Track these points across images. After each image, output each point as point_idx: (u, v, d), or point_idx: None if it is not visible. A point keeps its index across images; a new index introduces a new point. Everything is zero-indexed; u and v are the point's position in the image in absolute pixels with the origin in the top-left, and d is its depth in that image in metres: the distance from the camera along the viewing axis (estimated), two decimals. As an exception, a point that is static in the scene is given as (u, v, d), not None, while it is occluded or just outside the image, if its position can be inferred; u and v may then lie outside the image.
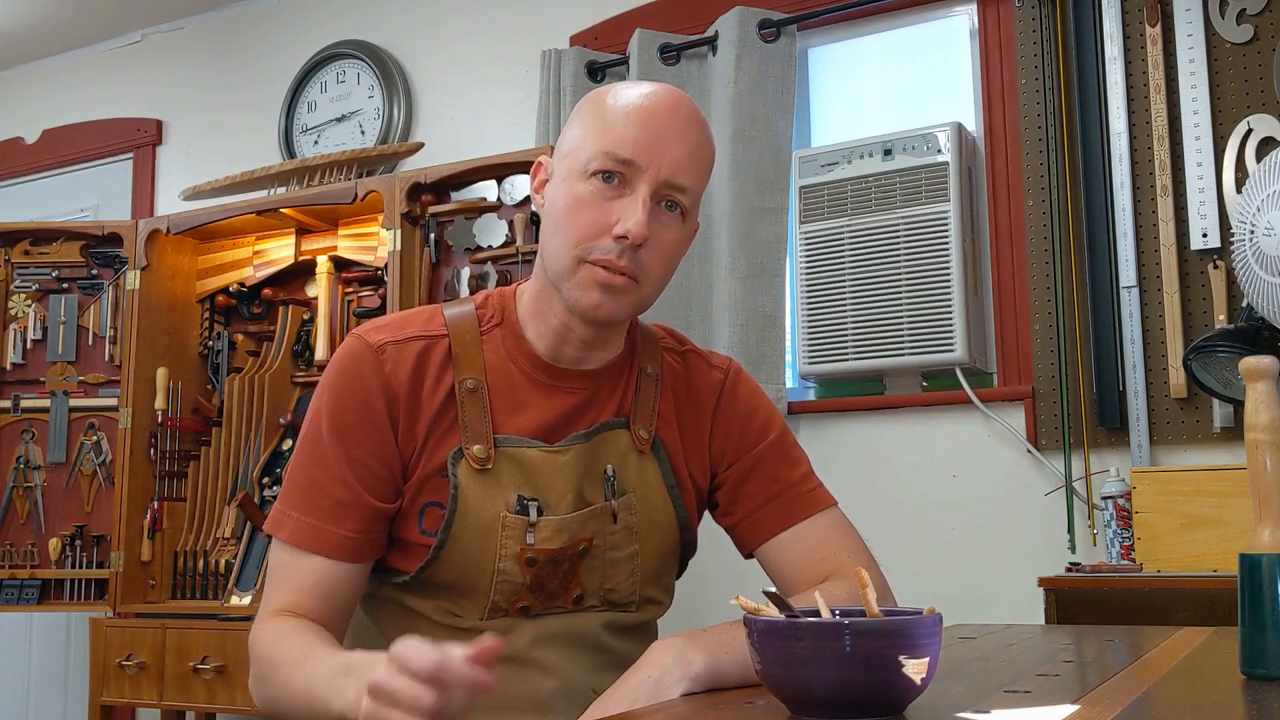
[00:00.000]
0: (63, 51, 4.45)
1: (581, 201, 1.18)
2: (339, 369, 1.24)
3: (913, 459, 2.84)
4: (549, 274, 1.23)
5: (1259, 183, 2.21)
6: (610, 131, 1.18)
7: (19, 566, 3.46)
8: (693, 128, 1.22)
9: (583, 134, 1.21)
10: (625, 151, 1.17)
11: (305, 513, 1.19)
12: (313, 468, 1.21)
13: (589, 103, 1.24)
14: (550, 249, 1.22)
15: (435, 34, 3.71)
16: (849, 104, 3.20)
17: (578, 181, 1.19)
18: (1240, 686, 0.91)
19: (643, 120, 1.19)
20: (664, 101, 1.21)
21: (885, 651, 0.79)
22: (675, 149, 1.19)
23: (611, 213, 1.17)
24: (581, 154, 1.20)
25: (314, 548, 1.19)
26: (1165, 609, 2.13)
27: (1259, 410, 0.94)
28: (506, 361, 1.27)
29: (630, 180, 1.18)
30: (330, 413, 1.22)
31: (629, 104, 1.20)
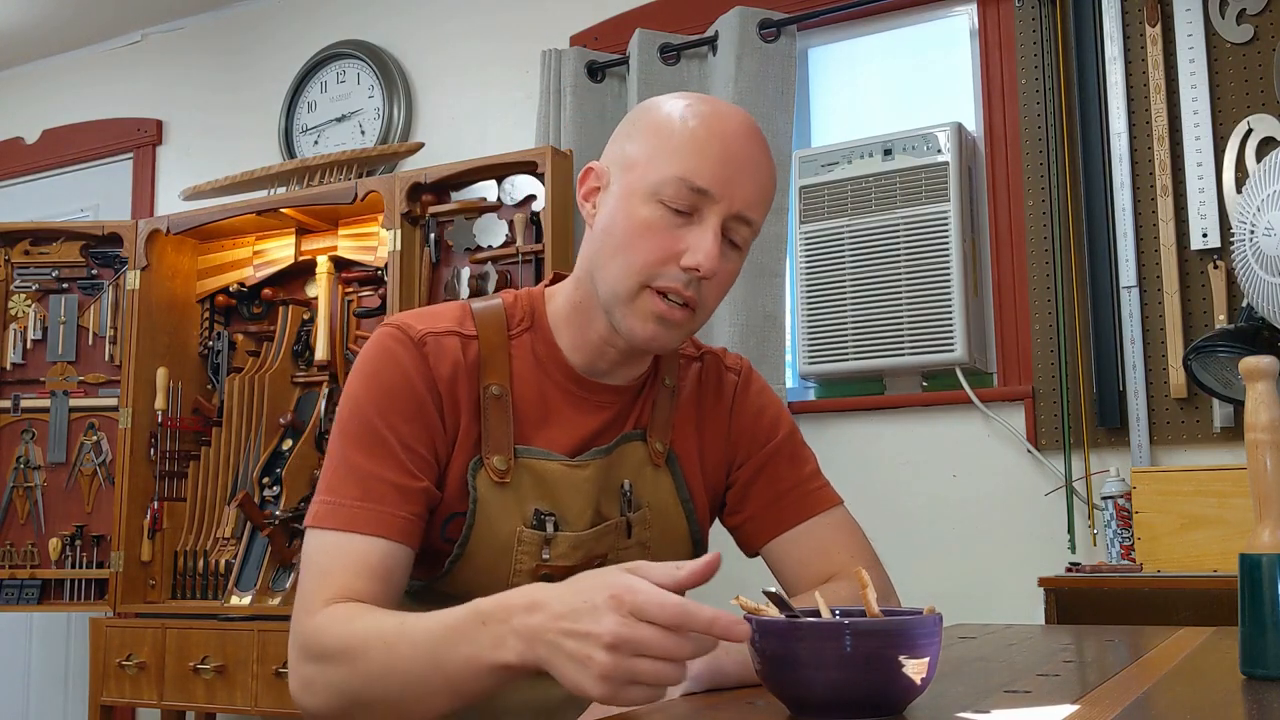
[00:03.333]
0: (63, 51, 4.45)
1: (650, 226, 1.14)
2: (381, 358, 1.18)
3: (913, 459, 2.84)
4: (602, 295, 1.18)
5: (1259, 183, 2.21)
6: (686, 156, 1.13)
7: (19, 566, 3.46)
8: (766, 160, 1.18)
9: (651, 152, 1.15)
10: (702, 181, 1.12)
11: (361, 499, 1.11)
12: (360, 455, 1.14)
13: (656, 117, 1.18)
14: (609, 271, 1.17)
15: (435, 34, 3.71)
16: (849, 104, 3.20)
17: (643, 203, 1.14)
18: (1240, 686, 0.91)
19: (721, 149, 1.14)
20: (743, 130, 1.16)
21: (885, 651, 0.79)
22: (750, 183, 1.15)
23: (680, 240, 1.13)
24: (649, 174, 1.14)
25: (376, 530, 1.10)
26: (1165, 609, 2.13)
27: (1259, 410, 0.94)
28: (535, 369, 1.23)
29: (700, 209, 1.13)
30: (376, 400, 1.16)
31: (708, 129, 1.14)
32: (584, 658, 0.84)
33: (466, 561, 1.19)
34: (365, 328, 3.41)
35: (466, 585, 1.16)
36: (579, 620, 0.84)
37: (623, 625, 0.82)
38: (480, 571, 1.18)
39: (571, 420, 1.23)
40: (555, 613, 0.87)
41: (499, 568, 1.19)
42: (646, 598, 0.82)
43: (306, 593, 1.09)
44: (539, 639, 0.87)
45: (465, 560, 1.19)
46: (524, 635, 0.89)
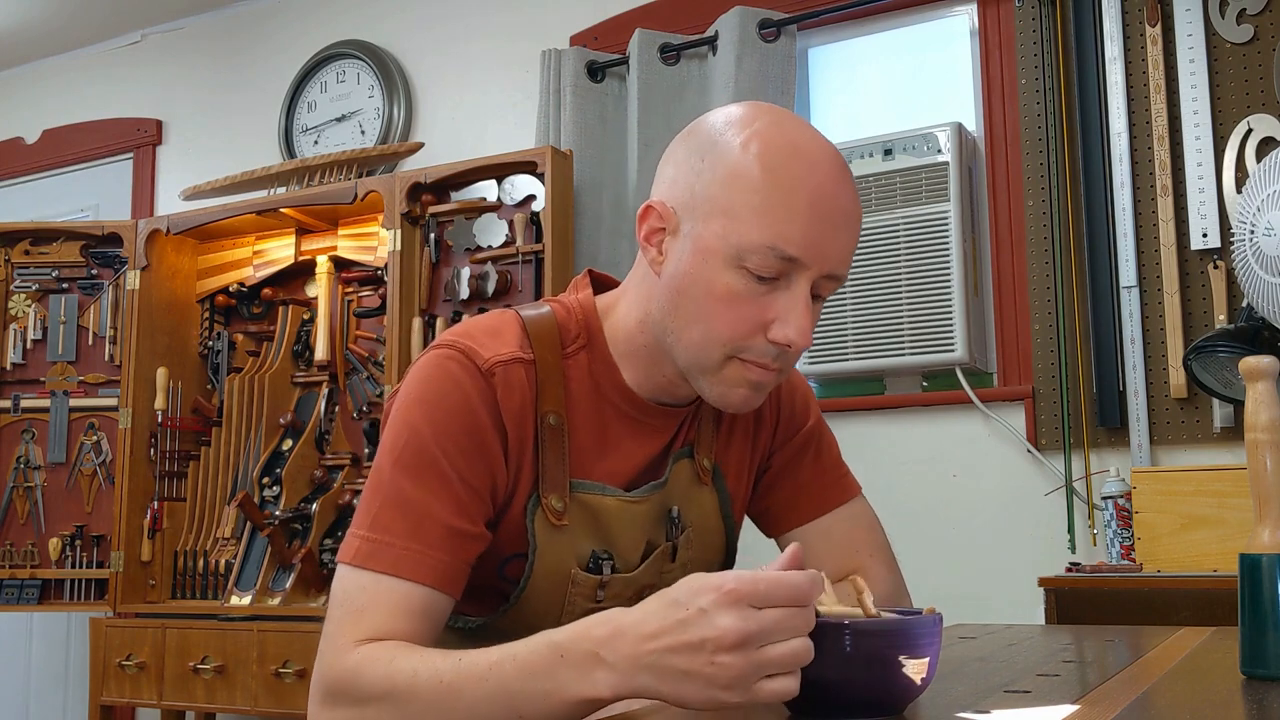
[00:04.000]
0: (63, 51, 4.45)
1: (735, 295, 1.03)
2: (445, 384, 1.07)
3: (913, 459, 2.84)
4: (680, 359, 1.09)
5: (1259, 183, 2.21)
6: (773, 221, 1.01)
7: (19, 566, 3.47)
8: (856, 207, 1.07)
9: (729, 206, 1.02)
10: (792, 249, 1.01)
11: (411, 539, 1.01)
12: (415, 488, 1.03)
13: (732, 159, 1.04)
14: (688, 338, 1.06)
15: (435, 34, 3.71)
16: (849, 104, 3.20)
17: (724, 268, 1.03)
18: (1240, 686, 0.90)
19: (816, 212, 1.02)
20: (834, 175, 1.04)
21: (885, 651, 0.79)
22: (843, 240, 1.05)
23: (767, 309, 1.03)
24: (730, 236, 1.02)
25: (423, 577, 1.00)
26: (1165, 609, 2.13)
27: (1259, 410, 0.94)
28: (593, 393, 1.13)
29: (789, 274, 1.03)
30: (437, 431, 1.05)
31: (796, 181, 1.02)
32: (703, 669, 0.78)
33: (524, 601, 1.13)
34: (365, 327, 3.41)
35: (519, 624, 1.10)
36: (687, 631, 0.78)
37: (745, 619, 0.77)
38: (534, 613, 1.12)
39: (629, 448, 1.16)
40: (648, 633, 0.81)
41: (550, 610, 1.13)
42: (767, 583, 0.78)
43: (336, 631, 1.00)
44: (638, 666, 0.81)
45: (522, 600, 1.13)
46: (616, 665, 0.82)
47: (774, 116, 1.06)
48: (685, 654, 0.79)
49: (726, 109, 1.09)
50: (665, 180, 1.10)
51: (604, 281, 1.22)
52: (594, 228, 3.14)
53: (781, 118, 1.07)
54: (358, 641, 0.98)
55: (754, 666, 0.77)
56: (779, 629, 0.77)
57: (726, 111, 1.09)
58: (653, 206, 1.09)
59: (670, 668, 0.80)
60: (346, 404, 3.40)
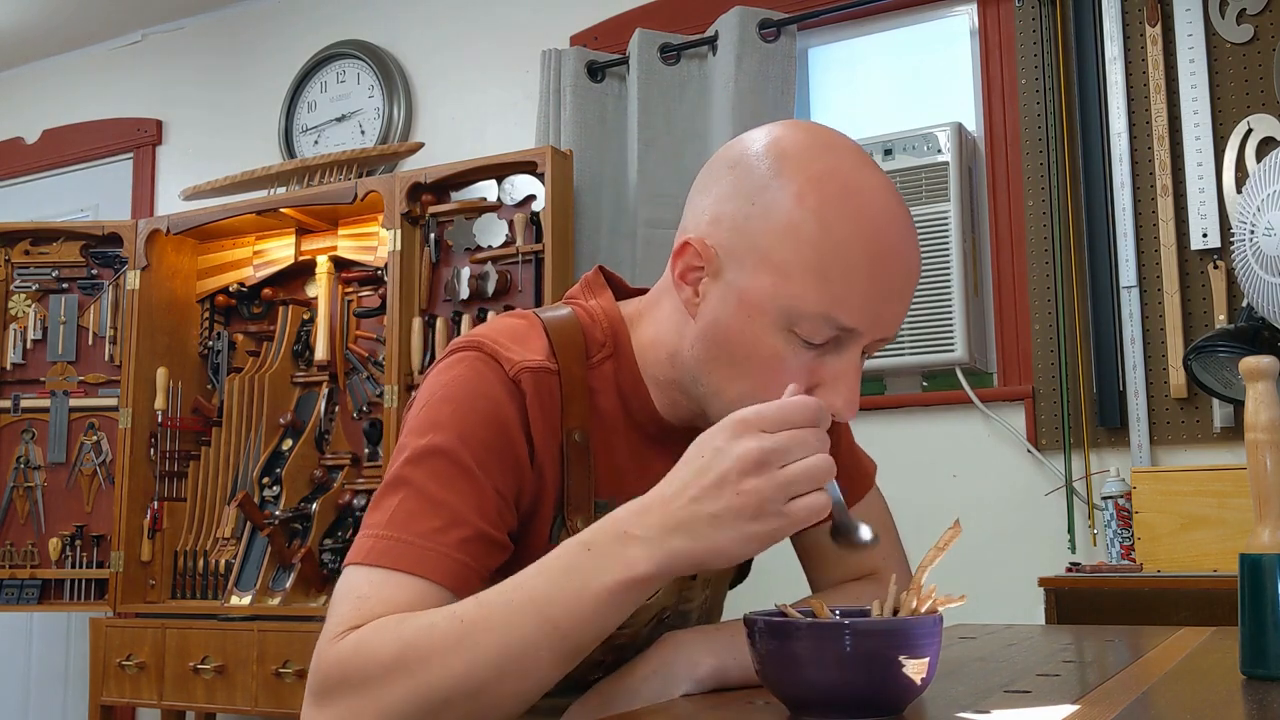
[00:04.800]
0: (63, 51, 4.45)
1: (782, 360, 0.95)
2: (475, 386, 1.00)
3: (913, 459, 2.84)
4: (713, 414, 0.97)
5: (1259, 183, 2.21)
6: (833, 288, 0.92)
7: (19, 566, 3.47)
8: (918, 264, 0.98)
9: (780, 261, 0.93)
10: (849, 319, 0.93)
11: (432, 538, 0.93)
12: (443, 490, 0.95)
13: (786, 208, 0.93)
14: (728, 395, 0.98)
15: (435, 34, 3.71)
16: (849, 104, 3.20)
17: (772, 330, 0.94)
18: (1240, 686, 0.90)
19: (877, 278, 0.93)
20: (902, 243, 0.95)
21: (885, 652, 0.79)
22: (901, 305, 0.96)
23: (814, 373, 0.95)
24: (783, 298, 0.93)
25: (446, 580, 0.93)
26: (1165, 609, 2.13)
27: (1259, 410, 0.94)
28: (619, 408, 1.07)
29: (840, 339, 0.95)
30: (466, 433, 0.98)
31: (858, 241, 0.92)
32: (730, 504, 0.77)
33: None
34: (365, 327, 3.41)
35: None
36: (707, 475, 0.78)
37: (760, 439, 0.76)
38: None
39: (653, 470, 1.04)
40: (674, 493, 0.81)
41: None
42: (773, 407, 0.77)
43: (334, 623, 0.91)
44: (670, 529, 0.80)
45: None
46: (647, 537, 0.81)
47: (833, 158, 0.96)
48: (710, 496, 0.78)
49: (776, 138, 0.98)
50: (704, 214, 0.99)
51: (618, 284, 1.16)
52: (594, 228, 3.14)
53: (840, 157, 0.97)
54: (357, 628, 0.90)
55: (778, 486, 0.77)
56: (795, 446, 0.77)
57: (777, 144, 0.97)
58: (690, 244, 0.99)
59: (699, 517, 0.79)
60: (346, 404, 3.40)
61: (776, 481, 0.77)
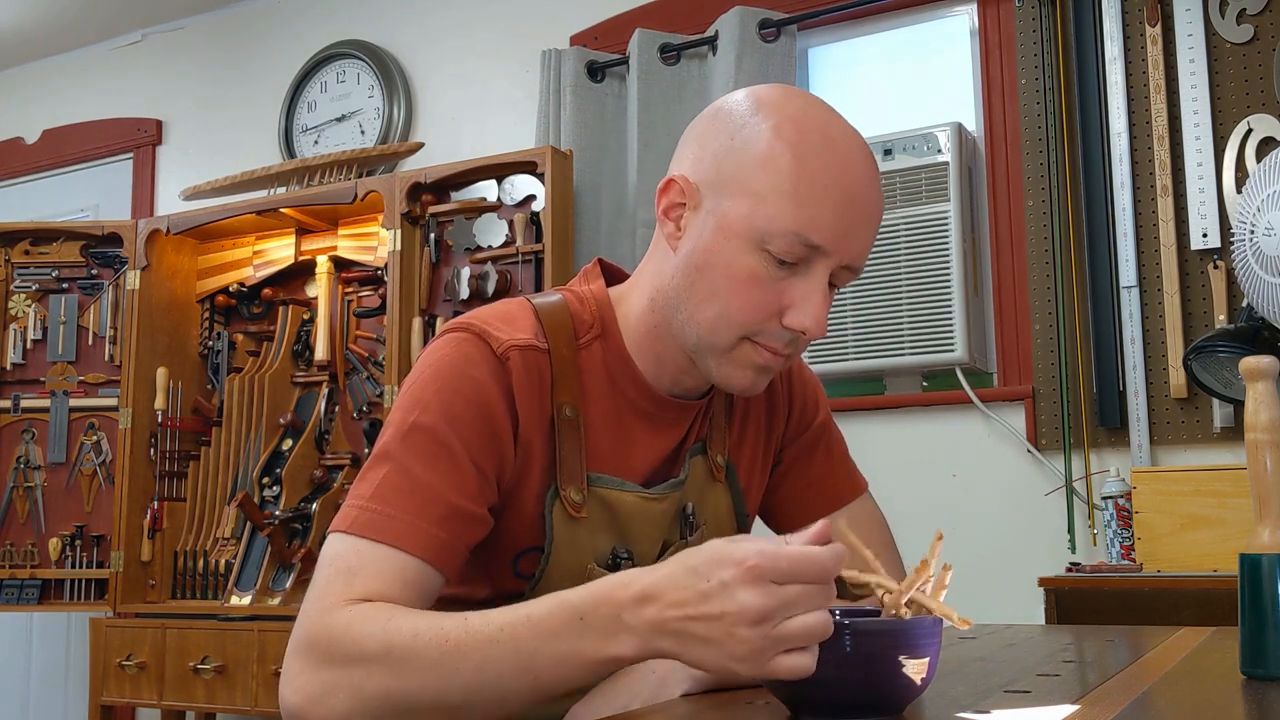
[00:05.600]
0: (63, 51, 4.45)
1: (752, 278, 1.03)
2: (459, 364, 1.05)
3: (913, 459, 2.84)
4: (690, 338, 1.08)
5: (1259, 183, 2.21)
6: (800, 207, 1.01)
7: (19, 566, 3.47)
8: (880, 201, 1.08)
9: (756, 189, 1.02)
10: (817, 238, 1.02)
11: (416, 514, 0.98)
12: (424, 466, 1.00)
13: (762, 145, 1.03)
14: (700, 316, 1.06)
15: (435, 34, 3.71)
16: (849, 104, 3.19)
17: (745, 250, 1.02)
18: (1240, 686, 0.90)
19: (841, 199, 1.02)
20: (863, 171, 1.05)
21: (885, 652, 0.79)
22: (866, 233, 1.06)
23: (784, 294, 1.04)
24: (755, 219, 1.01)
25: (424, 553, 0.98)
26: (1165, 609, 2.13)
27: (1259, 410, 0.94)
28: (608, 384, 1.12)
29: (809, 260, 1.03)
30: (448, 410, 1.02)
31: (827, 174, 1.02)
32: (721, 640, 0.78)
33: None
34: (365, 327, 3.41)
35: None
36: (708, 603, 0.78)
37: (766, 595, 0.76)
38: None
39: (645, 442, 1.14)
40: (674, 600, 0.81)
41: None
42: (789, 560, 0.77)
43: (325, 589, 0.96)
44: (661, 631, 0.81)
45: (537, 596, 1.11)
46: (639, 629, 0.82)
47: (806, 101, 1.07)
48: (705, 623, 0.79)
49: (756, 90, 1.09)
50: (688, 156, 1.09)
51: (615, 273, 1.21)
52: (594, 228, 3.14)
53: (814, 104, 1.07)
54: (349, 601, 0.94)
55: (771, 642, 0.77)
56: (799, 604, 0.77)
57: (756, 93, 1.08)
58: (674, 180, 1.08)
59: (689, 634, 0.80)
60: (346, 404, 3.40)
61: (770, 638, 0.77)
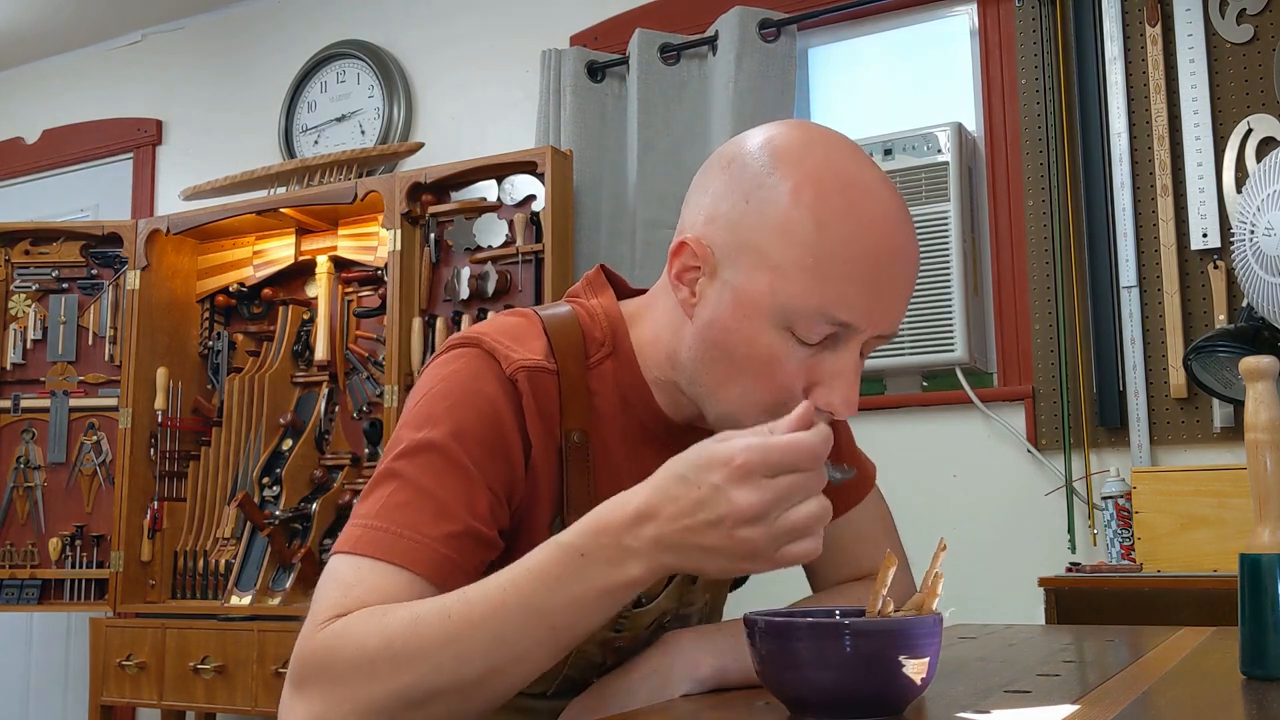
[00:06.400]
0: (63, 51, 4.45)
1: (778, 358, 0.94)
2: (470, 383, 1.00)
3: (913, 459, 2.84)
4: (711, 415, 1.01)
5: (1259, 183, 2.21)
6: (830, 285, 0.91)
7: (19, 566, 3.47)
8: (916, 262, 0.97)
9: (778, 260, 0.92)
10: (847, 316, 0.92)
11: (419, 530, 0.93)
12: (435, 484, 0.95)
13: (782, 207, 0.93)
14: (725, 396, 0.98)
15: (435, 34, 3.71)
16: (849, 104, 3.19)
17: (769, 329, 0.93)
18: (1240, 686, 0.90)
19: (874, 274, 0.92)
20: (899, 239, 0.94)
21: (885, 652, 0.79)
22: (900, 302, 0.95)
23: (812, 371, 0.95)
24: (778, 294, 0.92)
25: (427, 572, 0.92)
26: (1165, 609, 2.13)
27: (1259, 410, 0.94)
28: (619, 408, 1.06)
29: (838, 336, 0.94)
30: (460, 429, 0.97)
31: (855, 241, 0.92)
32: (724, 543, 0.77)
33: None
34: (365, 327, 3.41)
35: None
36: (705, 510, 0.77)
37: (761, 490, 0.76)
38: None
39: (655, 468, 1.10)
40: (671, 514, 0.79)
41: None
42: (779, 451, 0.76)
43: (318, 609, 0.91)
44: (664, 547, 0.80)
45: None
46: (643, 550, 0.81)
47: (826, 153, 0.96)
48: (705, 531, 0.78)
49: (770, 136, 0.98)
50: (700, 213, 0.99)
51: (620, 284, 1.15)
52: (594, 228, 3.14)
53: (835, 153, 0.96)
54: (339, 615, 0.89)
55: (773, 536, 0.77)
56: (795, 493, 0.77)
57: (771, 142, 0.97)
58: (687, 244, 0.98)
59: (693, 545, 0.79)
60: (346, 404, 3.40)
61: (772, 533, 0.77)
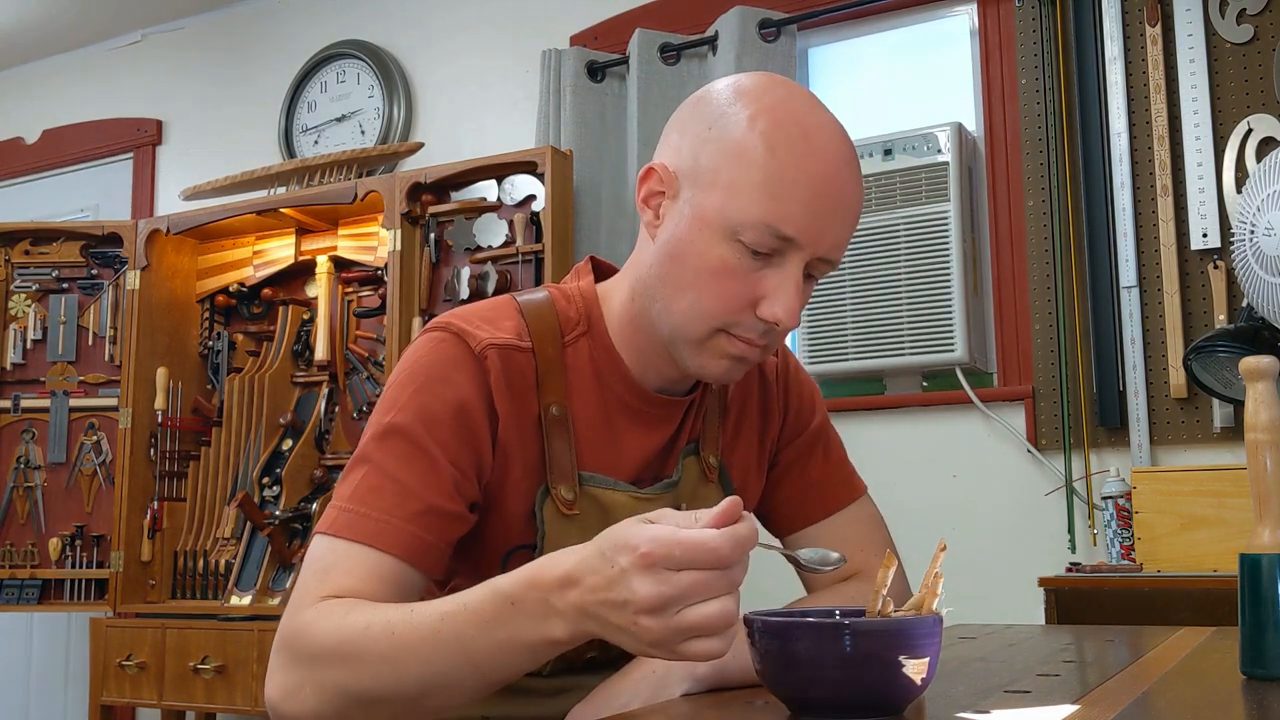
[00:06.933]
0: (63, 51, 4.45)
1: (725, 269, 1.02)
2: (435, 365, 1.06)
3: (913, 459, 2.84)
4: (664, 327, 1.08)
5: (1259, 183, 2.21)
6: (772, 198, 1.00)
7: (19, 566, 3.47)
8: (858, 192, 1.05)
9: (729, 180, 1.01)
10: (789, 229, 1.00)
11: (392, 514, 1.00)
12: (400, 467, 1.02)
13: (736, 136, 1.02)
14: (675, 306, 1.06)
15: (435, 34, 3.71)
16: (849, 104, 3.19)
17: (719, 240, 1.02)
18: (1240, 686, 0.90)
19: (813, 190, 1.01)
20: (838, 161, 1.02)
21: (885, 652, 0.79)
22: (840, 225, 1.03)
23: (758, 285, 1.03)
24: (728, 209, 1.01)
25: (401, 552, 0.99)
26: (1165, 609, 2.13)
27: (1259, 410, 0.94)
28: (594, 381, 1.12)
29: (783, 252, 1.02)
30: (424, 411, 1.04)
31: (799, 165, 1.00)
32: (629, 626, 0.79)
33: None
34: (365, 327, 3.41)
35: None
36: (613, 590, 0.79)
37: (660, 583, 0.76)
38: None
39: (634, 439, 1.14)
40: (589, 585, 0.81)
41: None
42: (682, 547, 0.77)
43: (299, 591, 1.01)
44: (584, 614, 0.82)
45: None
46: (566, 613, 0.83)
47: (785, 92, 1.05)
48: (614, 610, 0.80)
49: (738, 79, 1.07)
50: (670, 145, 1.09)
51: (606, 269, 1.21)
52: (594, 227, 3.14)
53: (792, 94, 1.05)
54: (320, 598, 0.98)
55: (672, 631, 0.77)
56: (696, 592, 0.77)
57: (738, 82, 1.07)
58: (654, 169, 1.08)
59: (608, 621, 0.81)
60: (346, 404, 3.40)
61: (671, 627, 0.77)
